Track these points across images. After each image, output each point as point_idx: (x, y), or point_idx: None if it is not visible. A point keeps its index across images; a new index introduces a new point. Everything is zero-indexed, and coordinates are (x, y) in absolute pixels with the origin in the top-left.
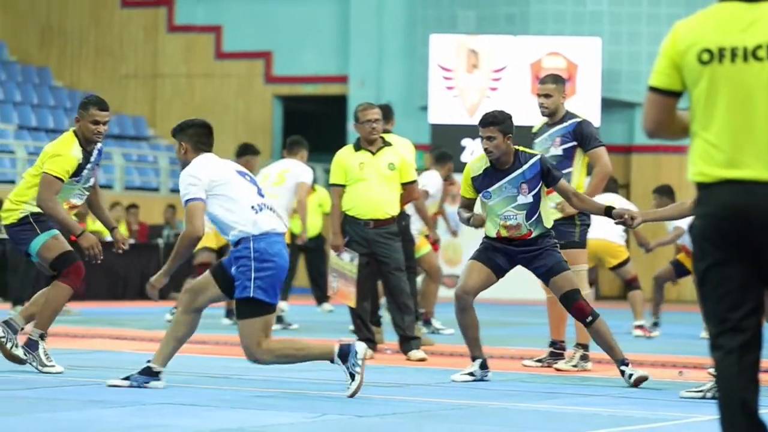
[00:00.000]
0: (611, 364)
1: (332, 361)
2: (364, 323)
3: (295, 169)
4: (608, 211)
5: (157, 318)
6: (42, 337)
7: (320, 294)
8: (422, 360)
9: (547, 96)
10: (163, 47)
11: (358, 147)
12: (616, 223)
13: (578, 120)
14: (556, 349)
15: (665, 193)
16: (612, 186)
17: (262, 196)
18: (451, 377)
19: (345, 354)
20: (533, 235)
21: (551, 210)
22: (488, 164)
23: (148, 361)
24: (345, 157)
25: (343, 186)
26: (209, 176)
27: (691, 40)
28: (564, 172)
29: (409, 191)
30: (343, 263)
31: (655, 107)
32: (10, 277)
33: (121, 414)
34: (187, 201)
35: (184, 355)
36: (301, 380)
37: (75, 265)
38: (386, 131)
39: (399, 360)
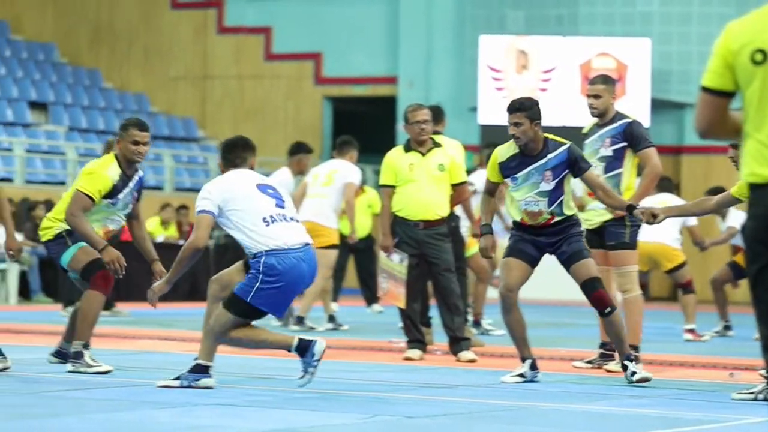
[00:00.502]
0: (662, 366)
1: (289, 351)
2: (414, 324)
3: (344, 170)
4: (630, 209)
5: None
6: (85, 347)
7: (370, 295)
8: (472, 361)
9: (596, 96)
10: (212, 48)
11: (408, 148)
12: (645, 222)
13: (628, 120)
14: (607, 351)
15: (717, 194)
16: (667, 185)
17: (282, 206)
18: (501, 378)
19: (303, 348)
20: (555, 220)
21: (588, 200)
22: (517, 150)
23: (196, 359)
24: (395, 158)
25: (393, 187)
26: (222, 194)
27: (745, 40)
28: (614, 172)
29: (458, 192)
30: (393, 264)
31: (708, 107)
32: (61, 280)
33: (172, 414)
34: (197, 212)
35: (235, 355)
36: (353, 381)
37: (102, 271)
38: (437, 133)
39: (449, 361)
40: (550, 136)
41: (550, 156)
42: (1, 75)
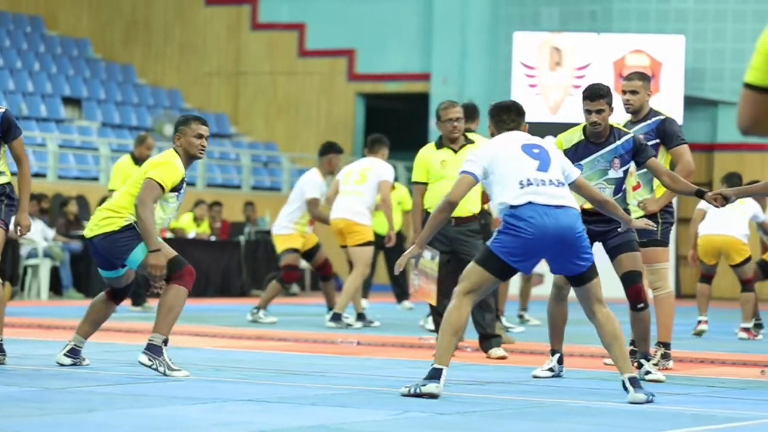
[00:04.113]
0: (693, 363)
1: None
2: None
3: (378, 168)
4: (700, 193)
5: (239, 315)
6: (165, 342)
7: (400, 291)
8: (502, 358)
9: (633, 93)
10: (246, 45)
11: (440, 145)
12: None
13: (662, 117)
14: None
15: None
16: (735, 181)
17: (545, 170)
18: (532, 373)
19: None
20: None
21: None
22: (582, 137)
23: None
24: (427, 155)
25: (425, 184)
26: (488, 156)
27: None
28: (646, 169)
29: None
30: (425, 261)
31: (750, 104)
32: (93, 275)
33: (203, 410)
34: (460, 172)
35: (263, 351)
36: (384, 377)
37: (187, 267)
38: (469, 130)
39: (479, 358)
40: (615, 124)
41: (617, 143)
42: (35, 71)
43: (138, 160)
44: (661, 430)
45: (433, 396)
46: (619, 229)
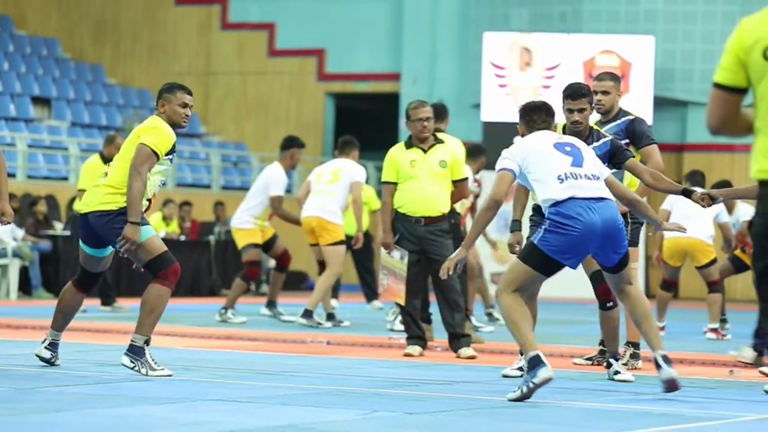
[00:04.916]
0: None
1: None
2: (414, 321)
3: (350, 169)
4: (686, 193)
5: (208, 315)
6: (147, 342)
7: (369, 291)
8: (472, 358)
9: (605, 93)
10: (216, 45)
11: (409, 145)
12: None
13: (631, 118)
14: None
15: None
16: (699, 180)
17: (580, 165)
18: (502, 372)
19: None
20: None
21: None
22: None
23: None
24: (396, 155)
25: (395, 184)
26: (522, 154)
27: (757, 36)
28: (616, 170)
29: (459, 189)
30: (393, 261)
31: (720, 104)
32: (62, 275)
33: (172, 410)
34: (499, 170)
35: (234, 351)
36: (354, 377)
37: (174, 266)
38: (439, 130)
39: (449, 357)
40: (594, 126)
41: (595, 145)
42: (4, 70)
43: (107, 160)
44: (630, 430)
45: (549, 380)
46: None
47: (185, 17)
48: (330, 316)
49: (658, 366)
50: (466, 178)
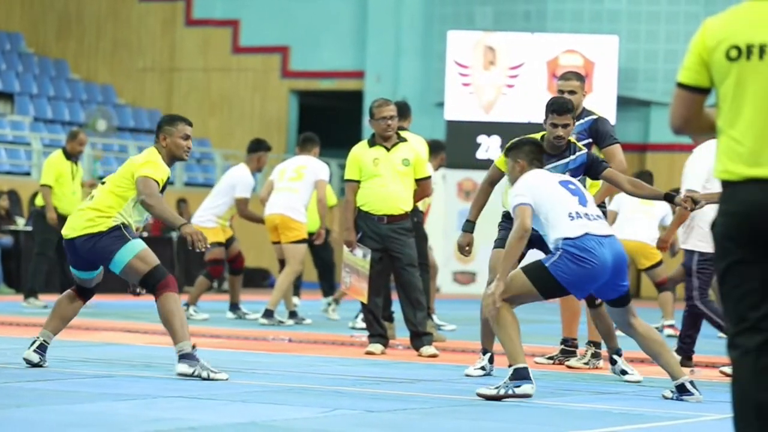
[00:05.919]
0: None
1: None
2: (376, 319)
3: (313, 166)
4: (668, 198)
5: None
6: (193, 347)
7: (328, 288)
8: (434, 356)
9: (572, 92)
10: (180, 41)
11: (372, 143)
12: (682, 207)
13: (594, 117)
14: (568, 347)
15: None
16: (647, 179)
17: (584, 204)
18: (464, 372)
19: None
20: None
21: None
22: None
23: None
24: (359, 153)
25: (358, 182)
26: (531, 192)
27: (721, 37)
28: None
29: (422, 187)
30: (356, 259)
31: (683, 104)
32: (24, 271)
33: (133, 407)
34: (517, 205)
35: (196, 348)
36: (315, 374)
37: (169, 277)
38: (402, 129)
39: (410, 356)
40: (571, 139)
41: (571, 157)
42: None
43: (70, 156)
44: (590, 429)
45: (528, 397)
46: None
47: (149, 13)
48: (292, 314)
49: (687, 392)
50: (429, 177)
